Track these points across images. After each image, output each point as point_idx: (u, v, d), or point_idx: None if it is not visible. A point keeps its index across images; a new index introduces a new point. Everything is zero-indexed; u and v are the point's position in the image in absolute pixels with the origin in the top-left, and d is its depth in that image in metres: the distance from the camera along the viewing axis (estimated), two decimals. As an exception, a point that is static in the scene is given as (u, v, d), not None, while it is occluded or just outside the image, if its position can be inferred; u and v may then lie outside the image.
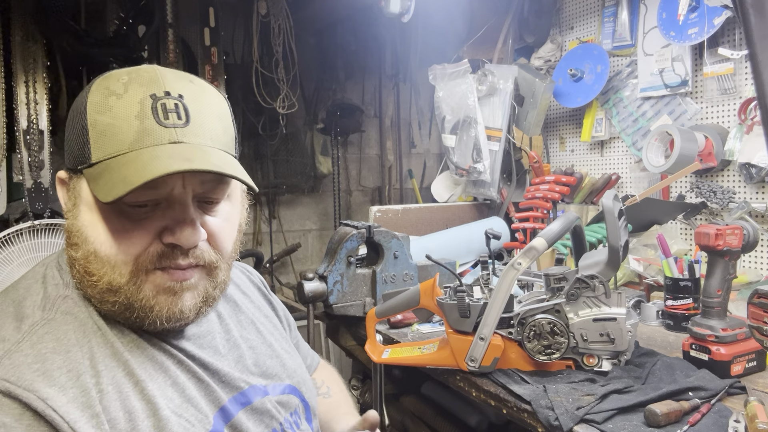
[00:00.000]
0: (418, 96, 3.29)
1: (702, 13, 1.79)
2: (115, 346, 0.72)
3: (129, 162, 0.67)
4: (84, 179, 0.71)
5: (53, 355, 0.67)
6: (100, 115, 0.69)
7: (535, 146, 2.57)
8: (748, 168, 1.75)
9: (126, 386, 0.70)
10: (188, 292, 0.74)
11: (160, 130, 0.69)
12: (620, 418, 1.02)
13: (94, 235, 0.70)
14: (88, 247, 0.71)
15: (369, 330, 1.43)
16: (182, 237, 0.70)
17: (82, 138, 0.70)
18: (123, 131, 0.68)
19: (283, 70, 2.62)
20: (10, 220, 2.19)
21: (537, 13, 2.52)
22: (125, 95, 0.70)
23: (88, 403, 0.65)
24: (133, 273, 0.71)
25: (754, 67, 0.80)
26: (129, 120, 0.69)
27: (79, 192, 0.72)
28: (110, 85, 0.71)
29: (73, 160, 0.72)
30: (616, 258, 1.19)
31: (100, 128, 0.69)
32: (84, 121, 0.69)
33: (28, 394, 0.62)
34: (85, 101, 0.70)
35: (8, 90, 2.05)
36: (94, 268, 0.71)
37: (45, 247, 1.99)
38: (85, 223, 0.71)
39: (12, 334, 0.67)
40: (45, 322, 0.69)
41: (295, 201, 3.19)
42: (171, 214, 0.71)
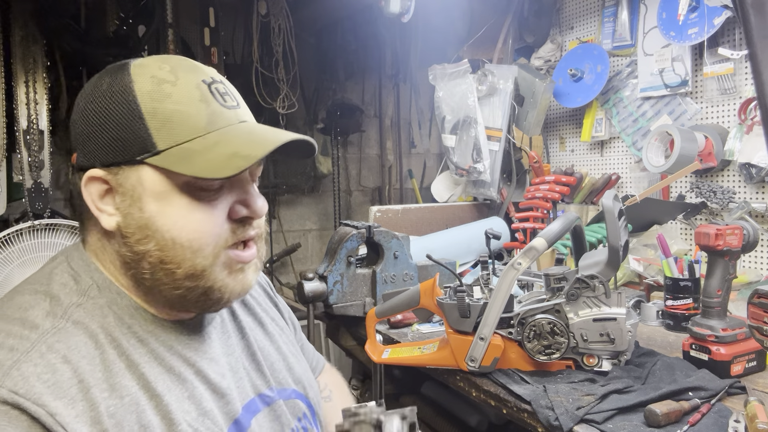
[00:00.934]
0: (418, 96, 3.29)
1: (702, 13, 1.79)
2: (131, 359, 0.70)
3: (222, 141, 0.70)
4: (146, 168, 0.69)
5: (63, 365, 0.65)
6: (159, 103, 0.69)
7: (535, 146, 2.57)
8: (748, 168, 1.75)
9: (142, 400, 0.68)
10: (250, 269, 0.78)
11: (226, 111, 0.73)
12: (620, 418, 1.02)
13: (169, 223, 0.70)
14: (162, 235, 0.70)
15: (369, 330, 1.43)
16: (257, 208, 0.75)
17: (135, 127, 0.68)
18: (193, 116, 0.69)
19: (283, 70, 2.63)
20: (10, 220, 2.19)
21: (537, 13, 2.52)
22: (179, 82, 0.70)
23: (96, 419, 0.64)
24: (215, 254, 0.72)
25: (754, 67, 0.80)
26: (195, 104, 0.70)
27: (138, 183, 0.70)
28: (155, 73, 0.70)
29: (122, 153, 0.69)
30: (616, 258, 1.19)
31: (163, 115, 0.68)
32: (136, 110, 0.68)
33: (36, 408, 0.60)
34: (130, 91, 0.69)
35: (8, 90, 2.05)
36: (172, 255, 0.70)
37: (45, 247, 1.99)
38: (153, 214, 0.70)
39: (21, 343, 0.65)
40: (56, 331, 0.67)
41: (295, 201, 3.19)
42: (238, 191, 0.74)
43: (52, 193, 2.11)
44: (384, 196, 3.31)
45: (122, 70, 0.72)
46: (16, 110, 2.05)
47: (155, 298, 0.75)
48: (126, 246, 0.71)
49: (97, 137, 0.70)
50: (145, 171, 0.70)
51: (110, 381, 0.67)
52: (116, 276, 0.75)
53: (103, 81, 0.72)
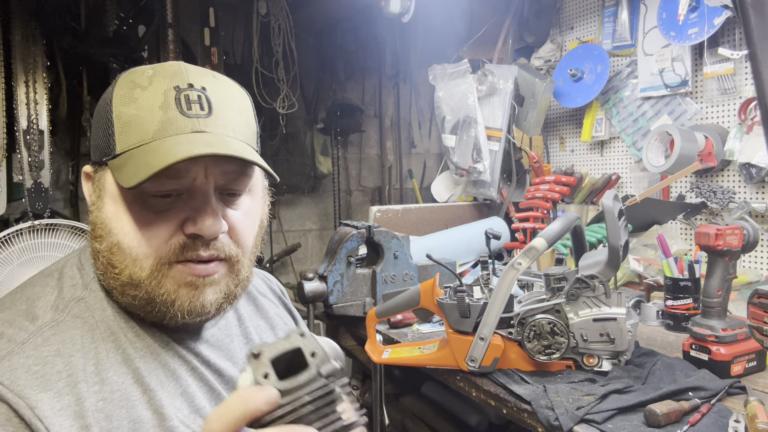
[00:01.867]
0: (418, 96, 3.29)
1: (702, 13, 1.79)
2: (127, 352, 0.71)
3: (152, 150, 0.67)
4: (108, 171, 0.71)
5: (55, 358, 0.66)
6: (125, 107, 0.70)
7: (535, 146, 2.57)
8: (748, 168, 1.75)
9: (134, 394, 0.69)
10: (210, 288, 0.73)
11: (183, 119, 0.70)
12: (620, 418, 1.02)
13: (117, 227, 0.70)
14: (111, 239, 0.70)
15: (369, 330, 1.43)
16: (204, 227, 0.69)
17: (107, 130, 0.70)
18: (147, 121, 0.69)
19: (283, 70, 2.63)
20: (10, 220, 2.19)
21: (537, 13, 2.52)
22: (150, 87, 0.70)
23: (80, 413, 0.64)
24: (155, 267, 0.70)
25: (754, 67, 0.80)
26: (153, 110, 0.69)
27: (103, 184, 0.72)
28: (135, 78, 0.72)
29: (98, 153, 0.73)
30: (616, 258, 1.19)
31: (125, 119, 0.69)
32: (109, 114, 0.70)
33: (17, 399, 0.61)
34: (111, 95, 0.71)
35: (8, 90, 2.05)
36: (116, 260, 0.70)
37: (45, 247, 1.99)
38: (109, 215, 0.71)
39: (18, 334, 0.66)
40: (54, 324, 0.68)
41: (295, 201, 3.18)
42: (192, 204, 0.70)
43: (52, 193, 2.11)
44: (384, 196, 3.30)
45: (122, 74, 0.74)
46: (16, 110, 2.05)
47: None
48: (92, 240, 0.74)
49: (92, 138, 0.76)
50: (108, 173, 0.71)
51: (102, 375, 0.68)
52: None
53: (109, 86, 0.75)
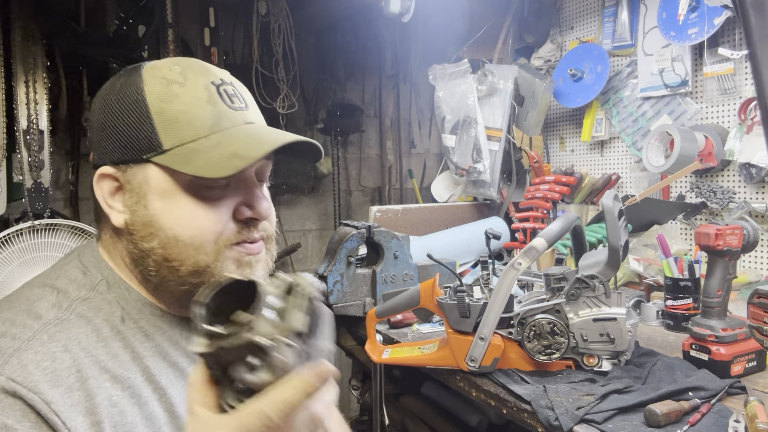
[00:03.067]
0: (418, 96, 3.28)
1: (702, 13, 1.79)
2: (136, 351, 0.71)
3: (225, 141, 0.71)
4: (152, 167, 0.71)
5: (63, 354, 0.66)
6: (167, 103, 0.71)
7: (535, 146, 2.57)
8: (748, 168, 1.75)
9: (146, 392, 0.69)
10: (258, 264, 0.78)
11: (232, 113, 0.73)
12: (620, 418, 1.02)
13: (171, 221, 0.71)
14: (165, 233, 0.71)
15: (369, 330, 1.43)
16: (261, 210, 0.75)
17: (143, 126, 0.71)
18: (199, 117, 0.71)
19: (283, 70, 2.62)
20: (10, 220, 2.19)
21: (537, 13, 2.52)
22: (187, 83, 0.72)
23: (91, 409, 0.65)
24: (218, 251, 0.72)
25: (754, 67, 0.80)
26: (201, 105, 0.72)
27: (144, 181, 0.72)
28: (166, 74, 0.73)
29: (129, 151, 0.72)
30: (616, 258, 1.19)
31: (169, 116, 0.70)
32: (145, 110, 0.71)
33: (32, 395, 0.61)
34: (140, 90, 0.71)
35: (8, 90, 2.05)
36: (175, 253, 0.71)
37: (45, 247, 1.99)
38: (157, 211, 0.72)
39: (24, 332, 0.66)
40: (58, 322, 0.68)
41: (295, 201, 3.18)
42: (243, 192, 0.75)
43: (52, 193, 2.11)
44: (384, 196, 3.30)
45: (135, 71, 0.74)
46: (16, 110, 2.05)
47: (163, 294, 0.76)
48: (133, 243, 0.73)
49: (109, 136, 0.73)
50: (151, 169, 0.72)
51: (113, 372, 0.68)
52: (126, 272, 0.77)
53: (117, 82, 0.74)
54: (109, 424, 0.65)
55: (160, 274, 0.73)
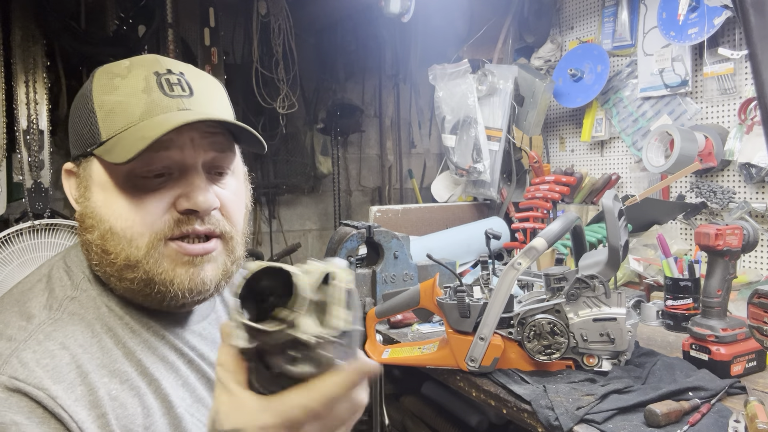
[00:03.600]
0: (418, 96, 3.29)
1: (702, 13, 1.79)
2: (127, 346, 0.72)
3: (141, 128, 0.69)
4: (95, 160, 0.72)
5: (62, 351, 0.66)
6: (107, 95, 0.71)
7: (535, 146, 2.57)
8: (748, 168, 1.75)
9: (141, 384, 0.70)
10: (209, 264, 0.74)
11: (167, 100, 0.72)
12: (620, 418, 1.02)
13: (108, 213, 0.71)
14: (103, 225, 0.71)
15: (369, 330, 1.43)
16: (198, 200, 0.71)
17: (89, 121, 0.72)
18: (132, 105, 0.71)
19: (283, 70, 2.62)
20: (10, 220, 2.19)
21: (537, 13, 2.52)
22: (129, 75, 0.73)
23: (95, 403, 0.65)
24: (150, 244, 0.71)
25: (754, 67, 0.80)
26: (136, 95, 0.71)
27: (89, 174, 0.73)
28: (113, 69, 0.74)
29: (81, 146, 0.74)
30: (616, 258, 1.19)
31: (108, 107, 0.71)
32: (90, 105, 0.72)
33: (38, 392, 0.62)
34: (90, 87, 0.73)
35: (8, 90, 2.05)
36: (111, 245, 0.71)
37: (45, 247, 1.99)
38: (98, 203, 0.72)
39: (19, 333, 0.67)
40: (52, 321, 0.69)
41: (295, 201, 3.18)
42: (183, 182, 0.72)
43: (52, 193, 2.11)
44: (384, 196, 3.30)
45: (97, 69, 0.76)
46: (16, 110, 2.05)
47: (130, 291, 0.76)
48: (81, 235, 0.75)
49: (71, 134, 0.76)
50: (94, 162, 0.73)
51: (110, 367, 0.69)
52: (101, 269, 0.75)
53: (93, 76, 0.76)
54: (112, 417, 0.66)
55: (102, 269, 0.72)
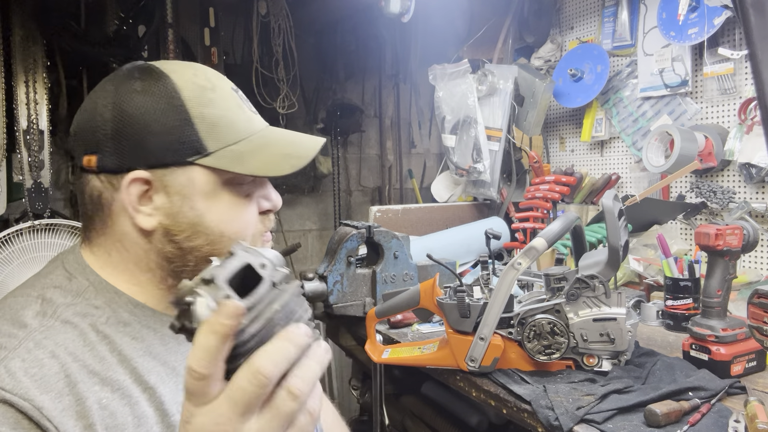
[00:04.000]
0: (418, 96, 3.29)
1: (702, 13, 1.79)
2: (123, 354, 0.71)
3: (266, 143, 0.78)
4: (197, 168, 0.74)
5: (51, 360, 0.66)
6: (205, 108, 0.74)
7: (535, 146, 2.57)
8: (748, 168, 1.75)
9: (135, 392, 0.70)
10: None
11: (255, 117, 0.81)
12: (620, 418, 1.02)
13: (216, 219, 0.75)
14: (213, 230, 0.75)
15: (369, 330, 1.43)
16: (277, 200, 0.84)
17: (185, 131, 0.73)
18: (235, 121, 0.76)
19: (283, 70, 2.62)
20: (10, 220, 2.19)
21: (537, 13, 2.52)
22: (216, 89, 0.77)
23: (82, 413, 0.65)
24: (254, 243, 0.79)
25: (754, 67, 0.80)
26: (234, 110, 0.77)
27: (189, 183, 0.74)
28: (193, 80, 0.75)
29: (169, 155, 0.73)
30: (616, 258, 1.19)
31: (210, 120, 0.74)
32: (186, 116, 0.73)
33: (23, 402, 0.61)
34: (177, 96, 0.73)
35: (8, 90, 2.05)
36: (220, 247, 0.76)
37: (45, 247, 1.99)
38: (202, 211, 0.75)
39: (9, 341, 0.66)
40: (44, 329, 0.68)
41: (295, 201, 3.18)
42: (260, 185, 0.81)
43: (52, 193, 2.11)
44: (384, 196, 3.30)
45: (156, 74, 0.74)
46: (16, 110, 2.05)
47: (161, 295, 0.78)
48: (172, 243, 0.75)
49: (142, 140, 0.72)
50: (196, 171, 0.74)
51: (101, 375, 0.68)
52: (117, 275, 0.77)
53: (133, 84, 0.73)
54: (101, 427, 0.65)
55: (197, 269, 0.71)
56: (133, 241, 0.76)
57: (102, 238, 0.77)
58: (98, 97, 0.74)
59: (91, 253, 0.78)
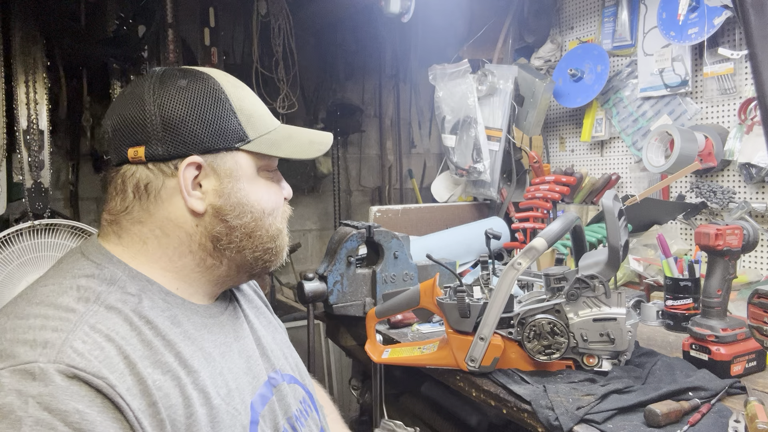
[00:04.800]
0: (418, 96, 3.29)
1: (702, 13, 1.79)
2: (167, 338, 0.73)
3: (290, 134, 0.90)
4: (241, 153, 0.84)
5: (108, 343, 0.67)
6: (242, 102, 0.84)
7: (535, 146, 2.57)
8: (748, 168, 1.75)
9: (182, 374, 0.72)
10: None
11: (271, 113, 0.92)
12: (620, 418, 1.02)
13: (257, 198, 0.85)
14: (256, 208, 0.85)
15: (369, 330, 1.43)
16: (289, 188, 0.94)
17: (231, 121, 0.82)
18: (263, 115, 0.88)
19: (283, 70, 2.62)
20: (10, 220, 2.19)
21: (537, 13, 2.52)
22: (244, 89, 0.88)
23: (145, 391, 0.67)
24: (282, 218, 0.90)
25: (754, 67, 0.80)
26: (259, 106, 0.88)
27: (237, 166, 0.83)
28: (228, 80, 0.86)
29: (220, 140, 0.81)
30: (616, 258, 1.19)
31: (247, 112, 0.84)
32: (230, 106, 0.82)
33: (97, 380, 0.63)
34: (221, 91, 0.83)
35: (8, 90, 2.05)
36: (262, 223, 0.86)
37: (45, 247, 1.99)
38: (247, 191, 0.84)
39: (63, 324, 0.67)
40: (93, 313, 0.69)
41: (295, 201, 3.18)
42: (277, 177, 0.92)
43: (52, 193, 2.11)
44: (384, 196, 3.30)
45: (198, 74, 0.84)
46: (16, 110, 2.05)
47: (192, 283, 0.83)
48: (222, 222, 0.82)
49: (193, 129, 0.80)
50: (240, 156, 0.84)
51: (152, 358, 0.70)
52: (148, 265, 0.80)
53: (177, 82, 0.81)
54: (162, 406, 0.67)
55: (238, 244, 0.84)
56: (177, 225, 0.80)
57: (138, 227, 0.80)
58: (140, 94, 0.80)
59: (118, 244, 0.80)
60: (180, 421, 0.69)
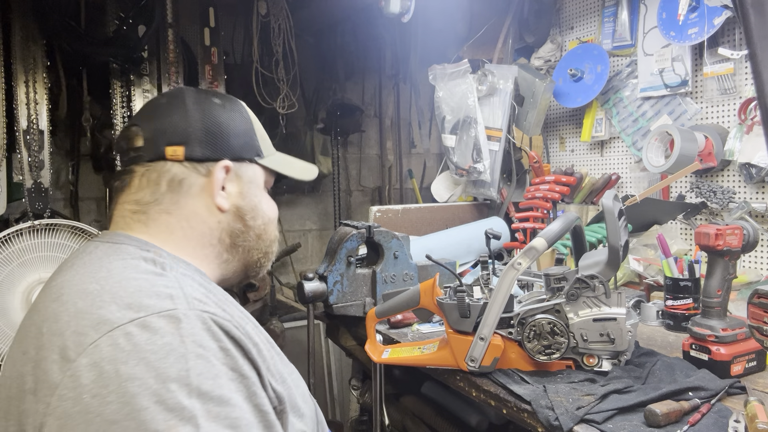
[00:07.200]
0: (418, 96, 3.29)
1: (702, 13, 1.79)
2: (227, 309, 0.78)
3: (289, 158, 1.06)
4: (257, 166, 0.96)
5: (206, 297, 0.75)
6: (257, 126, 0.98)
7: (535, 146, 2.57)
8: (748, 168, 1.75)
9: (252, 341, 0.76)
10: None
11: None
12: (620, 418, 1.02)
13: (266, 206, 0.98)
14: (266, 214, 0.97)
15: (369, 330, 1.43)
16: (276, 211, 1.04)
17: (253, 137, 0.96)
18: (267, 138, 1.01)
19: (283, 70, 2.62)
20: (10, 220, 2.19)
21: (537, 13, 2.52)
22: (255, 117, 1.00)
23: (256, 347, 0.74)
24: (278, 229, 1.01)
25: (754, 67, 0.80)
26: (264, 132, 1.00)
27: (252, 176, 0.95)
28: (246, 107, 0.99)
29: (245, 152, 0.94)
30: (616, 258, 1.19)
31: (261, 135, 0.98)
32: (252, 128, 0.97)
33: (225, 323, 0.71)
34: (246, 113, 0.97)
35: (8, 90, 2.05)
36: (269, 228, 0.98)
37: (45, 247, 1.99)
38: (260, 198, 0.96)
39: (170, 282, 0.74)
40: (180, 276, 0.77)
41: (295, 201, 3.18)
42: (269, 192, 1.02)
43: (52, 193, 2.11)
44: (384, 196, 3.30)
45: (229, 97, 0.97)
46: (16, 110, 2.05)
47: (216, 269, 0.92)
48: (241, 220, 0.93)
49: (228, 139, 0.91)
50: (257, 168, 0.97)
51: (233, 321, 0.75)
52: (179, 250, 0.86)
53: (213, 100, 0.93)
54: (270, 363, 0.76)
55: (249, 243, 0.94)
56: (202, 219, 0.89)
57: (165, 216, 0.87)
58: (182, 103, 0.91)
59: (145, 232, 0.86)
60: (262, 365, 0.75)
